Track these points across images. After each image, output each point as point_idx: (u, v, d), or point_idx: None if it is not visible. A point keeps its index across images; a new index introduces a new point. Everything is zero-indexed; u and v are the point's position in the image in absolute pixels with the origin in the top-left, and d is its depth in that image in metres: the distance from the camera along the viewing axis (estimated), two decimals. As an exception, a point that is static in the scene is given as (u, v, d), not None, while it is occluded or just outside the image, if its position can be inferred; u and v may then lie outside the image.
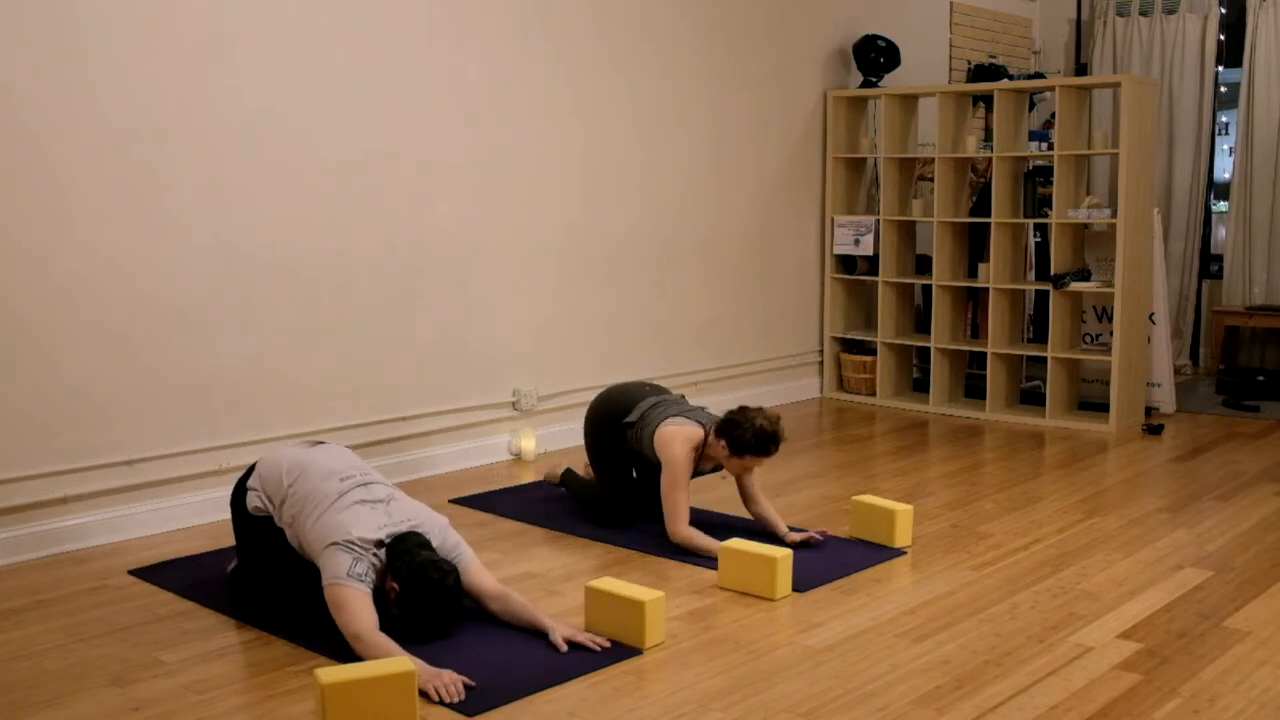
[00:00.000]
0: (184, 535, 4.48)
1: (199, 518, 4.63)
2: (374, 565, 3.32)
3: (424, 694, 3.02)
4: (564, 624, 3.45)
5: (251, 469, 3.73)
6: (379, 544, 3.35)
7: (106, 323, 4.34)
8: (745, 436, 4.15)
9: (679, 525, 4.21)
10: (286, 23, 4.74)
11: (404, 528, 3.43)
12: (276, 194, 4.78)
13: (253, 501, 3.63)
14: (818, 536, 4.31)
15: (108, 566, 4.11)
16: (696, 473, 4.36)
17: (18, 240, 4.11)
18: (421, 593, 3.29)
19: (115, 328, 4.37)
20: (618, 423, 4.51)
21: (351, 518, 3.38)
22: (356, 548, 3.30)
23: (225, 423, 4.70)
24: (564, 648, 3.33)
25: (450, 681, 3.04)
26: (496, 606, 3.51)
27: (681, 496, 4.22)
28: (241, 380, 4.73)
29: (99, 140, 4.27)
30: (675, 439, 4.25)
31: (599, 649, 3.34)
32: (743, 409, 4.21)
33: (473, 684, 3.09)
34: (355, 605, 3.22)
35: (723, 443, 4.20)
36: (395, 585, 3.31)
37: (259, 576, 3.70)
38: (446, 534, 3.54)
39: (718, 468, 4.43)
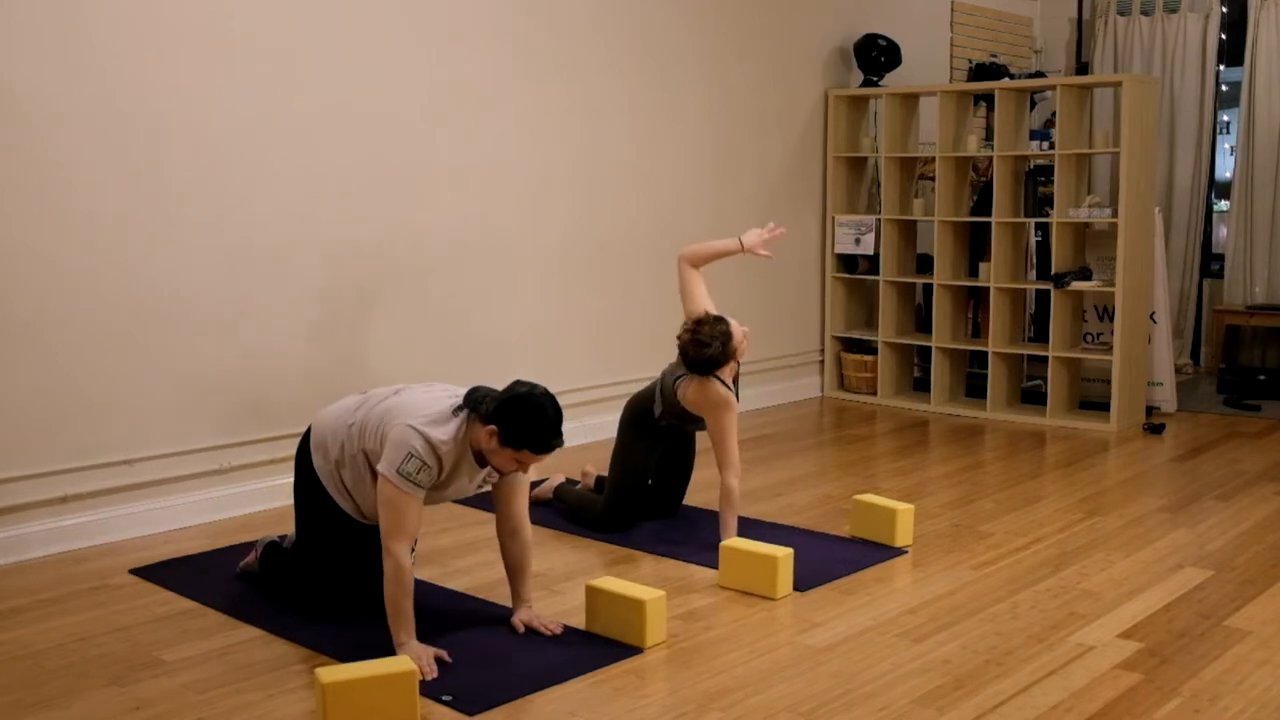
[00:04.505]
0: (184, 535, 4.48)
1: (199, 518, 4.63)
2: (430, 467, 3.20)
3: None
4: (531, 611, 3.50)
5: (307, 438, 3.60)
6: (454, 410, 3.25)
7: (107, 322, 4.34)
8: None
9: (739, 479, 4.22)
10: (288, 23, 4.74)
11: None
12: (276, 194, 4.78)
13: (315, 460, 3.52)
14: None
15: (108, 566, 4.11)
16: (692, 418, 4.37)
17: (18, 239, 4.11)
18: (518, 414, 3.15)
19: (115, 327, 4.37)
20: (649, 417, 4.45)
21: (419, 396, 3.32)
22: (418, 434, 3.18)
23: (226, 422, 4.70)
24: (520, 630, 3.45)
25: (426, 660, 3.15)
26: (506, 537, 3.49)
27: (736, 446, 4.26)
28: (242, 380, 4.73)
29: (100, 140, 4.27)
30: (728, 400, 4.23)
31: (549, 633, 3.43)
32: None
33: (447, 659, 3.20)
34: (398, 509, 3.18)
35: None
36: (493, 428, 3.17)
37: (307, 557, 3.59)
38: None
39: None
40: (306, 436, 3.59)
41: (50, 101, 4.14)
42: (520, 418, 3.17)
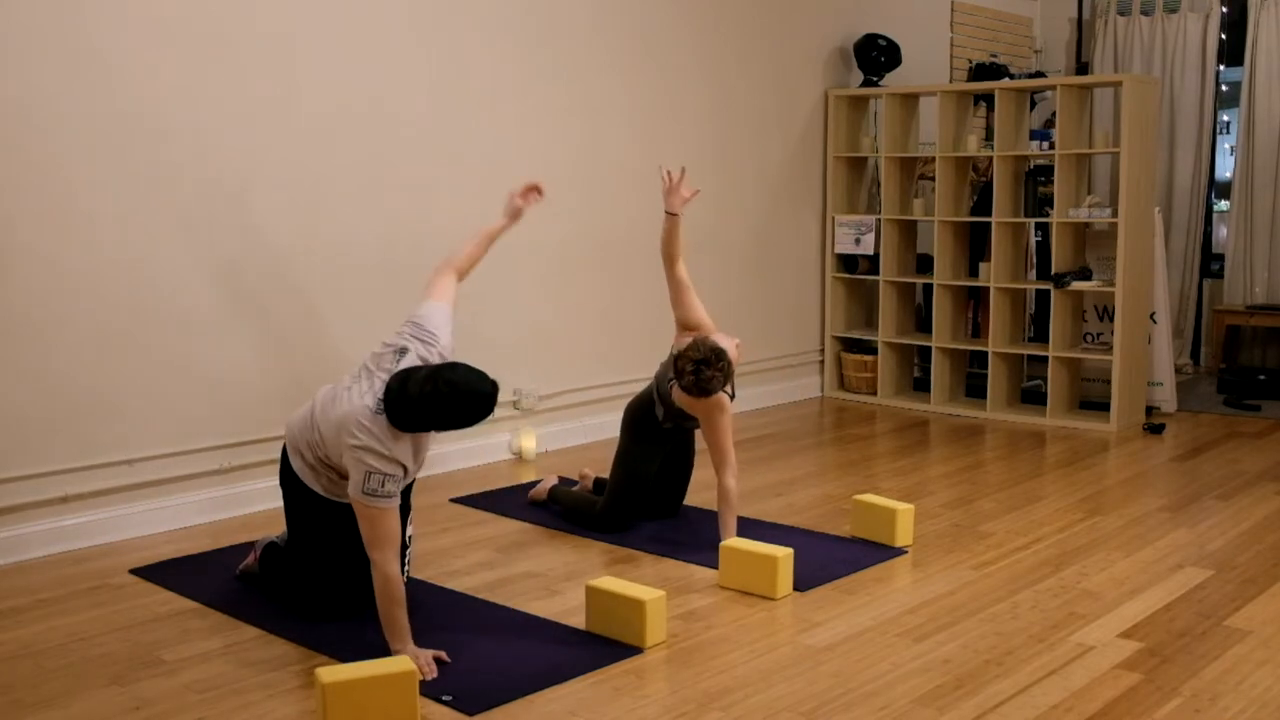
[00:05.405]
0: (184, 535, 4.48)
1: (200, 517, 4.63)
2: (393, 475, 3.22)
3: None
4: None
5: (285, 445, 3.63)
6: (374, 410, 3.25)
7: (107, 322, 4.34)
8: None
9: (736, 478, 4.23)
10: (288, 24, 4.74)
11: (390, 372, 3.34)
12: (278, 194, 4.78)
13: (295, 462, 3.54)
14: None
15: (108, 566, 4.11)
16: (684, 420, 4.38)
17: (19, 239, 4.11)
18: (458, 411, 3.20)
19: (116, 327, 4.36)
20: (651, 420, 4.45)
21: (345, 407, 3.30)
22: (366, 451, 3.21)
23: (226, 422, 4.70)
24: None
25: (425, 661, 3.15)
26: (469, 264, 3.96)
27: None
28: (242, 379, 4.73)
29: (101, 139, 4.27)
30: (721, 401, 4.24)
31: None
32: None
33: (446, 659, 3.21)
34: (373, 521, 3.20)
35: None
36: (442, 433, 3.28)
37: (302, 555, 3.60)
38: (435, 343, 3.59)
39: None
40: (285, 444, 3.64)
41: (50, 101, 4.14)
42: (462, 412, 3.21)
